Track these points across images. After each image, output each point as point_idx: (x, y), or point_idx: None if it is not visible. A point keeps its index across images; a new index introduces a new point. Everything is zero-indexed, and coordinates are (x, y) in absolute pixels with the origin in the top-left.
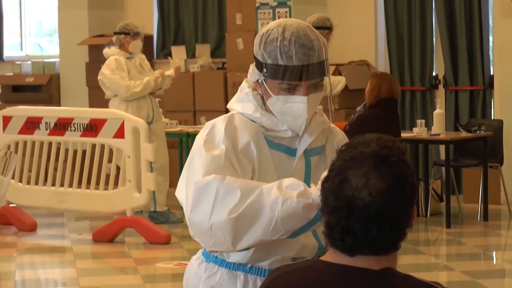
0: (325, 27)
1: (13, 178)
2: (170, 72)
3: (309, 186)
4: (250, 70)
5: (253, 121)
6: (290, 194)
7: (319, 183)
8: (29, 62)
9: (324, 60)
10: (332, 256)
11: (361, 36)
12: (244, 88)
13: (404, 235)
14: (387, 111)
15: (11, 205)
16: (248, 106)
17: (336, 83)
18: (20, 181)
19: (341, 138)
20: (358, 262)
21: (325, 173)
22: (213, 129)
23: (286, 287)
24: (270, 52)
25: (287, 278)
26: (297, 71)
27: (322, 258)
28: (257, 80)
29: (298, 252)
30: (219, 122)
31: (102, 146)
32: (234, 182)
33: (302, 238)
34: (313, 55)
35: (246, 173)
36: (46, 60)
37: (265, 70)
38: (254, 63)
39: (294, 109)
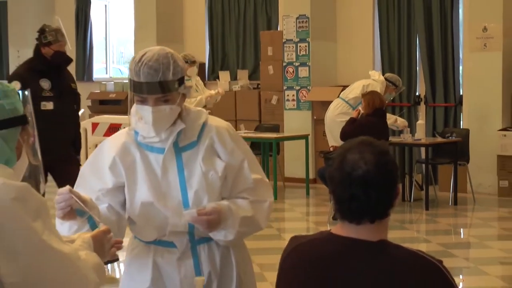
0: (394, 84)
1: None
2: (221, 90)
3: (184, 175)
4: None
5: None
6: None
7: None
8: (112, 83)
9: (168, 80)
10: (340, 229)
11: (362, 64)
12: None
13: (393, 203)
14: (380, 117)
15: None
16: (133, 120)
17: None
18: None
19: (214, 132)
20: (360, 234)
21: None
22: (82, 173)
23: (303, 255)
24: (130, 70)
25: (303, 248)
26: (141, 86)
27: (333, 230)
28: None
29: (172, 227)
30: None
31: None
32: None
33: (171, 219)
34: (156, 75)
35: (121, 181)
36: (125, 81)
37: (130, 84)
38: None
39: (144, 116)
